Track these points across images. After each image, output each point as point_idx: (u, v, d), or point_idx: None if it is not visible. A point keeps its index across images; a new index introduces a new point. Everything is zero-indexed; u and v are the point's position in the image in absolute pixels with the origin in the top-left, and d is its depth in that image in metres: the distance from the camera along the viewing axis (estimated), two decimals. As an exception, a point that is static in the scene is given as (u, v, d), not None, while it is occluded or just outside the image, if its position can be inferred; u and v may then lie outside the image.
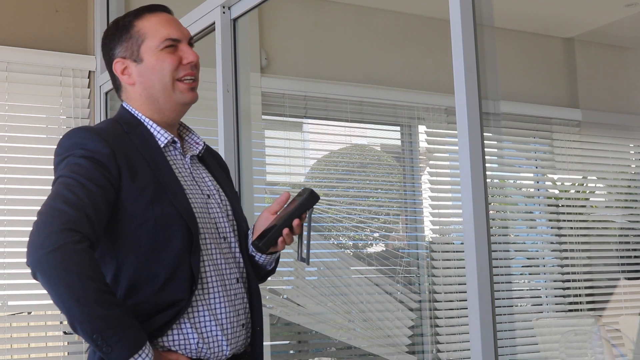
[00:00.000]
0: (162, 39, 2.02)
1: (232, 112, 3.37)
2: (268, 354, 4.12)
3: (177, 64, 2.03)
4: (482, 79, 2.36)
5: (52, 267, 1.69)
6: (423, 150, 5.06)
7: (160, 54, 2.02)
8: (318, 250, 4.67)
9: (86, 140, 1.90)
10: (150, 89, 2.03)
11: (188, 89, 2.05)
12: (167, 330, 1.88)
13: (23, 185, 4.20)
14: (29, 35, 4.31)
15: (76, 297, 1.69)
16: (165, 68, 2.01)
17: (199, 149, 2.13)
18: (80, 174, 1.84)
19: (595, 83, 5.69)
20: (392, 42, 5.03)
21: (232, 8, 3.42)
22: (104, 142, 1.90)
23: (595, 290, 5.39)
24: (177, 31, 2.06)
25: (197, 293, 1.92)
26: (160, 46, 2.02)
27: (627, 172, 5.82)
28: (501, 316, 4.75)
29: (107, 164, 1.87)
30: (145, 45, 2.02)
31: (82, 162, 1.86)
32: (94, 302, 1.70)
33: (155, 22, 2.05)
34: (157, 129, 2.04)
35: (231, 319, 1.96)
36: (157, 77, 2.02)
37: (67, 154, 1.90)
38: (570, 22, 5.36)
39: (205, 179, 2.09)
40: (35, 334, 4.31)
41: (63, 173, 1.86)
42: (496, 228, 5.18)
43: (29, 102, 4.30)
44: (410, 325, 4.72)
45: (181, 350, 1.89)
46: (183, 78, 2.04)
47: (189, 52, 2.05)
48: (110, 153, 1.88)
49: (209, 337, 1.92)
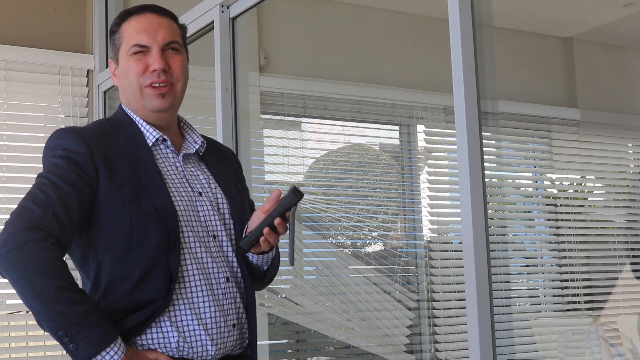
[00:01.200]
0: (130, 45, 2.04)
1: (231, 111, 3.37)
2: (266, 353, 4.12)
3: (144, 70, 2.03)
4: (481, 78, 2.36)
5: (12, 265, 1.72)
6: (422, 149, 5.06)
7: (128, 60, 2.04)
8: (316, 250, 4.67)
9: (65, 140, 1.94)
10: (124, 92, 2.08)
11: (156, 95, 2.03)
12: (145, 329, 1.88)
13: (21, 184, 4.19)
14: (27, 33, 4.31)
15: (37, 295, 1.71)
16: (131, 74, 2.03)
17: (195, 147, 2.12)
18: (54, 174, 1.87)
19: (594, 83, 5.69)
20: (391, 41, 5.03)
21: (231, 7, 3.42)
22: (82, 142, 1.92)
23: (593, 290, 5.39)
24: (149, 37, 2.04)
25: (178, 292, 1.90)
26: (129, 51, 2.04)
27: (625, 172, 5.82)
28: (499, 315, 4.75)
29: (84, 164, 1.89)
30: (121, 49, 2.06)
31: (59, 162, 1.90)
32: (54, 299, 1.71)
33: (134, 25, 2.06)
34: (146, 127, 2.04)
35: (217, 318, 1.94)
36: (127, 82, 2.05)
37: (49, 154, 1.94)
38: (568, 21, 5.36)
39: (200, 176, 2.08)
40: (34, 332, 4.30)
41: (40, 173, 1.90)
42: (494, 227, 5.18)
43: (28, 101, 4.30)
44: (408, 324, 4.72)
45: (161, 349, 1.88)
46: (151, 84, 2.03)
47: (155, 58, 2.02)
48: (87, 152, 1.91)
49: (191, 337, 1.90)
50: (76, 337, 1.71)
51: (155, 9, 2.10)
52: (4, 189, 4.17)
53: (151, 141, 2.02)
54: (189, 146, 2.11)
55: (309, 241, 4.67)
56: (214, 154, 2.18)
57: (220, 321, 1.95)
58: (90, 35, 4.49)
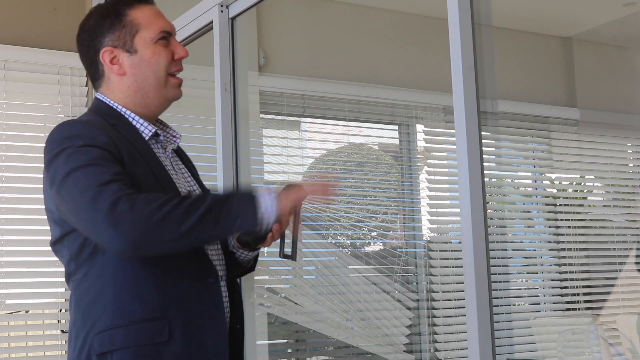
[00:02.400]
0: (158, 31, 1.98)
1: (230, 111, 3.37)
2: (265, 352, 4.12)
3: (170, 58, 2.00)
4: (480, 78, 2.36)
5: (142, 231, 1.69)
6: (421, 149, 5.06)
7: (155, 48, 1.97)
8: (316, 249, 4.66)
9: (81, 130, 1.86)
10: (142, 81, 1.98)
11: (177, 85, 2.02)
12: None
13: (20, 184, 4.19)
14: (26, 33, 4.30)
15: (177, 223, 1.70)
16: (161, 62, 1.98)
17: (177, 142, 2.09)
18: (91, 160, 1.78)
19: (593, 82, 5.69)
20: (390, 41, 5.03)
21: (230, 7, 3.41)
22: (99, 130, 1.86)
23: (592, 290, 5.40)
24: (169, 25, 2.03)
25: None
26: (156, 38, 1.98)
27: (624, 172, 5.83)
28: (499, 315, 4.76)
29: (112, 150, 1.83)
30: (140, 36, 1.97)
31: (87, 150, 1.80)
32: (185, 213, 1.70)
33: (149, 12, 2.01)
34: (139, 121, 1.98)
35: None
36: (152, 71, 1.97)
37: (63, 146, 1.84)
38: (568, 21, 5.36)
39: (185, 173, 2.08)
40: (33, 332, 4.30)
41: (72, 167, 1.79)
42: (494, 227, 5.18)
43: (27, 101, 4.29)
44: (408, 324, 4.72)
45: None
46: (174, 72, 2.01)
47: (179, 47, 2.02)
48: (109, 141, 1.85)
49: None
50: (231, 218, 1.73)
51: (153, 1, 2.07)
52: (3, 188, 4.17)
53: (147, 135, 1.98)
54: (170, 141, 2.08)
55: (308, 241, 4.66)
56: (180, 150, 2.17)
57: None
58: (90, 35, 4.48)
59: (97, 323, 1.82)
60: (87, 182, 1.74)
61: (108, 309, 1.81)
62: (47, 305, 4.21)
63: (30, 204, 4.16)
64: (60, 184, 1.81)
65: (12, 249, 4.14)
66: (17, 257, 4.14)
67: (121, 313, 1.81)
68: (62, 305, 4.17)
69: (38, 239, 4.19)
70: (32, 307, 4.24)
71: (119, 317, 1.80)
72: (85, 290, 1.87)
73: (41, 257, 4.20)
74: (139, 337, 1.80)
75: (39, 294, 4.23)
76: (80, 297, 1.87)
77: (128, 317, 1.80)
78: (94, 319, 1.83)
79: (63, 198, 1.81)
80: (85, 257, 1.86)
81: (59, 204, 1.86)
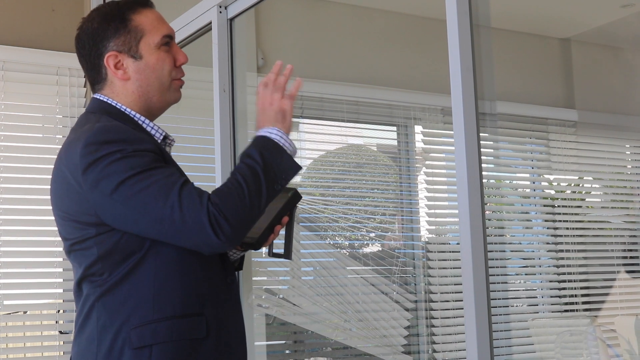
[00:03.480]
0: (161, 36, 2.00)
1: (229, 112, 3.37)
2: (263, 353, 4.12)
3: (174, 64, 2.03)
4: (479, 79, 2.36)
5: (238, 226, 1.78)
6: (419, 150, 5.06)
7: (159, 54, 2.00)
8: (314, 250, 4.66)
9: (125, 135, 1.86)
10: (147, 87, 2.00)
11: (179, 88, 2.06)
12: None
13: (19, 185, 4.19)
14: (25, 34, 4.30)
15: (257, 204, 1.82)
16: (165, 68, 2.00)
17: (172, 144, 2.11)
18: (150, 164, 1.82)
19: (592, 84, 5.70)
20: (389, 42, 5.03)
21: (229, 8, 3.41)
22: (142, 136, 1.89)
23: (591, 291, 5.39)
24: (171, 29, 2.05)
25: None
26: (160, 43, 2.00)
27: (623, 173, 5.83)
28: (497, 316, 4.76)
29: (157, 153, 1.87)
30: (144, 41, 1.99)
31: (141, 155, 1.83)
32: (257, 192, 1.82)
33: (152, 17, 2.02)
34: (149, 124, 2.02)
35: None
36: (156, 76, 2.00)
37: (108, 150, 1.83)
38: (566, 22, 5.36)
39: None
40: (31, 333, 4.30)
41: (130, 172, 1.80)
42: (492, 228, 5.18)
43: (25, 102, 4.29)
44: (406, 325, 4.72)
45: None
46: (178, 77, 2.05)
47: (180, 53, 2.05)
48: (155, 148, 1.89)
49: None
50: (282, 173, 1.88)
51: (152, 4, 2.09)
52: (2, 189, 4.17)
53: (159, 138, 2.02)
54: (171, 143, 2.11)
55: (306, 242, 4.66)
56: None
57: None
58: (88, 35, 4.48)
59: (133, 317, 1.84)
60: (159, 185, 1.78)
61: (147, 304, 1.84)
62: (45, 306, 4.21)
63: (28, 205, 4.16)
64: (116, 188, 1.81)
65: (10, 249, 4.14)
66: (15, 258, 4.14)
67: (163, 308, 1.84)
68: (60, 305, 4.17)
69: (36, 239, 4.19)
70: (30, 307, 4.24)
71: (160, 311, 1.84)
72: (114, 287, 1.87)
73: (39, 257, 4.20)
74: (180, 331, 1.84)
75: (37, 294, 4.22)
76: (109, 294, 1.88)
77: (170, 312, 1.84)
78: (127, 313, 1.84)
79: (122, 202, 1.81)
80: (119, 257, 1.87)
81: (106, 208, 1.84)
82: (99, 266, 1.89)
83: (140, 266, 1.86)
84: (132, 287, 1.86)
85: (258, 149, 1.87)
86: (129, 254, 1.86)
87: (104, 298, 1.89)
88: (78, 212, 1.89)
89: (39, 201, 4.15)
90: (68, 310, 4.17)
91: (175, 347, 1.83)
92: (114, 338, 1.84)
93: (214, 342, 1.88)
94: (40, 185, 4.14)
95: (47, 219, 4.14)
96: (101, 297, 1.89)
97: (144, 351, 1.82)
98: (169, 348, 1.83)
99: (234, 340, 1.95)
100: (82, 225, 1.90)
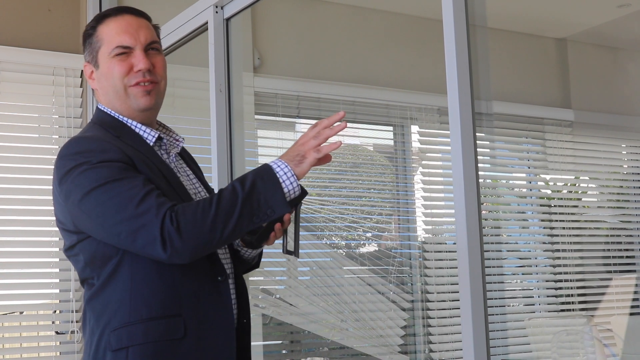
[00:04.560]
0: (113, 47, 2.02)
1: (225, 112, 3.37)
2: (260, 353, 4.12)
3: (128, 70, 2.02)
4: (475, 79, 2.36)
5: (194, 243, 1.79)
6: (416, 150, 5.06)
7: (111, 61, 2.02)
8: (311, 250, 4.67)
9: (91, 146, 1.91)
10: (107, 94, 2.05)
11: (143, 93, 2.03)
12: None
13: (14, 185, 4.18)
14: (21, 34, 4.30)
15: (222, 227, 1.80)
16: (115, 75, 2.02)
17: (179, 146, 2.14)
18: (114, 175, 1.85)
19: (588, 83, 5.70)
20: (385, 42, 5.04)
21: (225, 7, 3.42)
22: (108, 144, 1.91)
23: (587, 290, 5.40)
24: (131, 38, 2.03)
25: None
26: (112, 53, 2.02)
27: (619, 173, 5.83)
28: (493, 316, 4.76)
29: (126, 161, 1.89)
30: (101, 51, 2.04)
31: (106, 165, 1.86)
32: (227, 214, 1.80)
33: (113, 27, 2.04)
34: (142, 128, 2.04)
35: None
36: (110, 84, 2.03)
37: (77, 162, 1.88)
38: (562, 22, 5.37)
39: (190, 176, 2.13)
40: (27, 333, 4.29)
41: (95, 184, 1.84)
42: (489, 228, 5.19)
43: (21, 102, 4.28)
44: (402, 325, 4.72)
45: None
46: (137, 84, 2.03)
47: (140, 59, 2.02)
48: (120, 152, 1.90)
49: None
50: (263, 208, 1.83)
51: (132, 10, 2.10)
52: (-2, 189, 4.16)
53: (151, 141, 2.03)
54: (173, 145, 2.12)
55: (303, 242, 4.66)
56: (184, 152, 2.22)
57: None
58: (84, 35, 4.48)
59: (113, 320, 1.88)
60: (120, 199, 1.82)
61: (125, 307, 1.88)
62: (42, 307, 4.21)
63: (24, 205, 4.16)
64: (81, 199, 1.86)
65: (5, 250, 4.13)
66: (10, 258, 4.14)
67: (138, 310, 1.87)
68: (56, 306, 4.17)
69: (32, 239, 4.19)
70: (26, 308, 4.23)
71: (136, 314, 1.87)
72: (99, 291, 1.92)
73: (35, 258, 4.19)
74: (156, 333, 1.87)
75: (33, 295, 4.22)
76: (95, 298, 1.93)
77: (146, 314, 1.87)
78: (108, 316, 1.89)
79: (87, 213, 1.87)
80: (100, 262, 1.92)
81: (77, 217, 1.91)
82: (88, 271, 1.96)
83: (118, 270, 1.90)
84: (112, 291, 1.90)
85: (254, 176, 1.87)
86: (107, 259, 1.91)
87: (92, 302, 1.94)
88: (64, 221, 1.97)
89: (35, 201, 4.15)
90: (64, 310, 4.17)
91: (151, 349, 1.86)
92: (99, 340, 1.90)
93: (194, 342, 1.89)
94: (36, 186, 4.14)
95: (43, 219, 4.15)
96: (90, 301, 1.95)
97: (121, 353, 1.86)
98: (145, 349, 1.86)
99: (221, 339, 1.95)
100: (68, 232, 1.97)
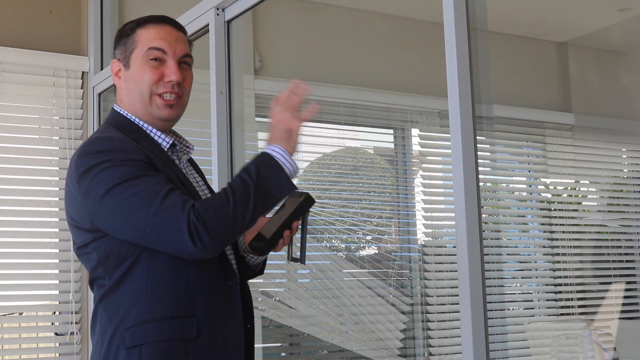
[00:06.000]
0: (148, 47, 2.02)
1: (226, 114, 3.37)
2: (260, 356, 4.12)
3: (158, 79, 2.02)
4: (476, 82, 2.36)
5: (220, 236, 1.83)
6: (416, 153, 5.06)
7: (143, 65, 2.02)
8: (310, 253, 4.66)
9: (115, 146, 1.91)
10: (131, 96, 2.04)
11: (165, 105, 2.04)
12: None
13: (14, 186, 4.18)
14: (22, 35, 4.30)
15: (242, 217, 1.85)
16: (144, 80, 2.02)
17: (190, 152, 2.16)
18: (138, 172, 1.86)
19: (588, 87, 5.70)
20: (386, 45, 5.04)
21: (226, 10, 3.42)
22: (130, 145, 1.93)
23: (587, 295, 5.40)
24: (168, 46, 2.05)
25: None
26: (145, 56, 2.02)
27: (619, 177, 5.84)
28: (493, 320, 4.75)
29: (148, 162, 1.91)
30: (135, 53, 2.04)
31: (129, 164, 1.87)
32: (244, 205, 1.85)
33: (152, 32, 2.05)
34: (156, 133, 2.05)
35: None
36: (137, 87, 2.03)
37: (99, 159, 1.89)
38: (563, 26, 5.37)
39: (200, 182, 2.15)
40: (27, 334, 4.29)
41: (118, 180, 1.85)
42: (488, 232, 5.19)
43: (22, 103, 4.29)
44: (402, 328, 4.72)
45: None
46: (162, 94, 2.03)
47: (172, 70, 2.03)
48: (142, 154, 1.92)
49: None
50: (273, 192, 1.90)
51: (173, 22, 2.11)
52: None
53: (165, 147, 2.05)
54: (186, 151, 2.15)
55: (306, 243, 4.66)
56: (191, 158, 2.23)
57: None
58: (85, 37, 4.48)
59: (127, 319, 1.90)
60: (144, 194, 1.84)
61: (140, 306, 1.89)
62: (41, 308, 4.21)
63: (24, 206, 4.16)
64: (104, 195, 1.87)
65: (5, 250, 4.13)
66: (10, 259, 4.14)
67: (153, 309, 1.89)
68: (55, 307, 4.17)
69: (32, 240, 4.19)
70: (25, 309, 4.23)
71: (151, 312, 1.89)
72: (112, 290, 1.93)
73: (35, 259, 4.19)
74: (170, 332, 1.89)
75: (33, 296, 4.22)
76: (108, 296, 1.94)
77: (161, 313, 1.89)
78: (122, 315, 1.90)
79: (110, 209, 1.87)
80: (114, 261, 1.93)
81: (97, 214, 1.91)
82: (100, 270, 1.96)
83: (134, 269, 1.92)
84: (127, 289, 1.92)
85: (257, 165, 1.91)
86: (123, 258, 1.92)
87: (104, 301, 1.95)
88: (78, 219, 1.97)
89: (36, 202, 4.15)
90: (64, 312, 4.17)
91: (165, 347, 1.88)
92: (112, 339, 1.91)
93: (206, 342, 1.92)
94: (37, 187, 4.14)
95: (44, 220, 4.15)
96: (102, 300, 1.96)
97: (135, 350, 1.88)
98: (158, 348, 1.88)
99: (230, 343, 1.98)
100: (82, 231, 1.97)
